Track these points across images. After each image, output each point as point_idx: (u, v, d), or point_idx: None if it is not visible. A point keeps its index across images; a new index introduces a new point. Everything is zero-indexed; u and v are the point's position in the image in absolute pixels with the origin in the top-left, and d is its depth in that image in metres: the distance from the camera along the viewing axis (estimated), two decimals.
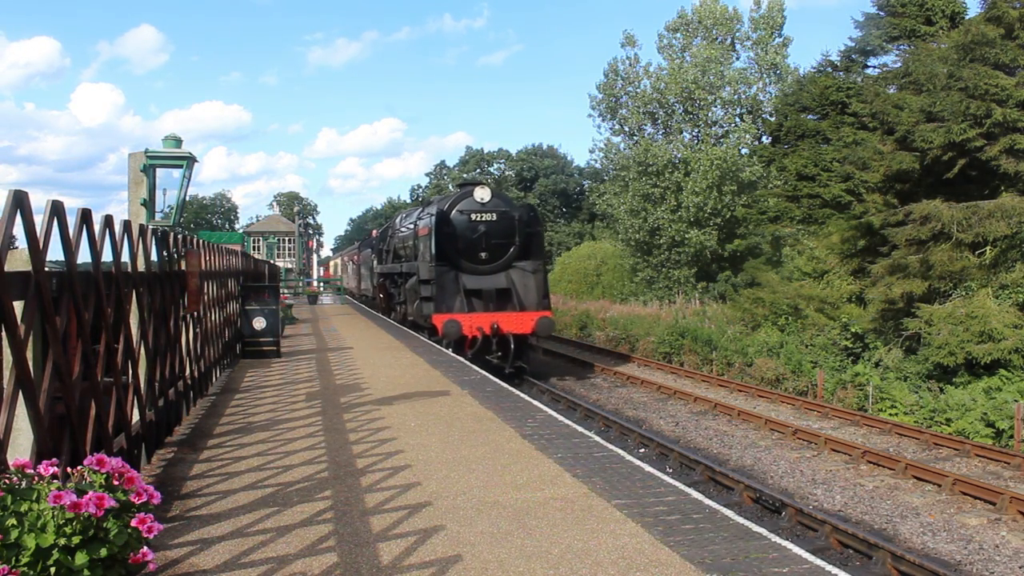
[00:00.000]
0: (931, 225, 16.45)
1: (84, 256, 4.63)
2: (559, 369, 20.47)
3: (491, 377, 10.44)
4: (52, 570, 2.42)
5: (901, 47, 23.51)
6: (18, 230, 3.56)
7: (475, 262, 17.04)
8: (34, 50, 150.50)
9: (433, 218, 16.95)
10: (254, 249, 65.46)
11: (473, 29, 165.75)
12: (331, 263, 71.76)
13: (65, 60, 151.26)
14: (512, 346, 15.96)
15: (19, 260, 3.71)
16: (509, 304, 16.94)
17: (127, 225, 5.54)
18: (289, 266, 64.68)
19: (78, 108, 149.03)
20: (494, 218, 17.30)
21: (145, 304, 6.05)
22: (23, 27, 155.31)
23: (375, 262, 28.60)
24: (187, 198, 10.24)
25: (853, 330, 18.93)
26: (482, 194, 17.54)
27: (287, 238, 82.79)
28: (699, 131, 38.91)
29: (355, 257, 41.91)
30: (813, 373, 17.37)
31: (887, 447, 12.25)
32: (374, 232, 34.13)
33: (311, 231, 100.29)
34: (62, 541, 2.44)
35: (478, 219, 17.18)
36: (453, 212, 17.27)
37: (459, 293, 16.70)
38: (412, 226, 20.27)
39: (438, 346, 15.13)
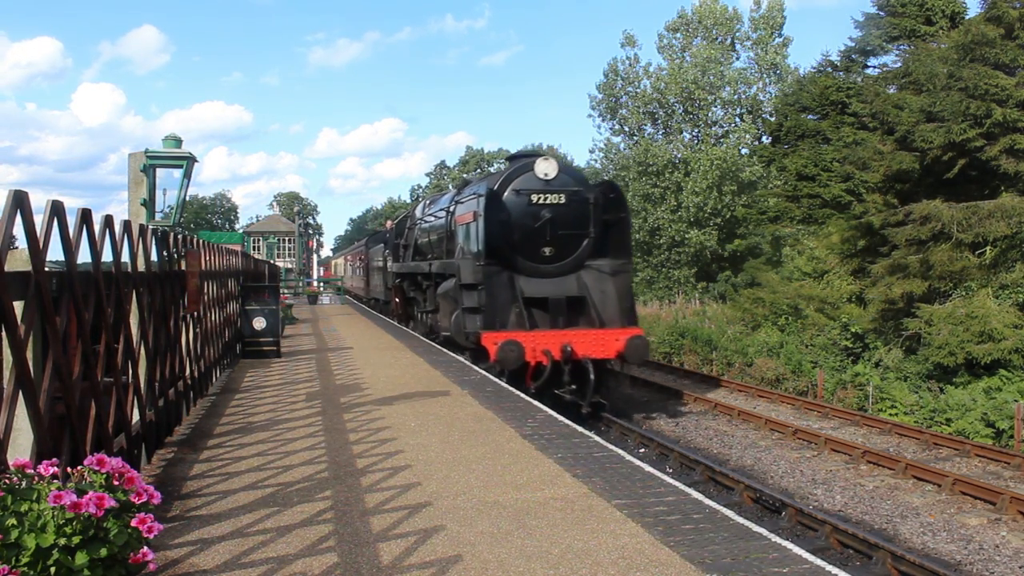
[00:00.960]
0: (931, 225, 16.46)
1: (84, 256, 4.64)
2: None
3: (491, 377, 10.44)
4: (52, 570, 2.42)
5: (901, 47, 23.51)
6: (18, 230, 3.56)
7: (536, 260, 12.88)
8: (36, 50, 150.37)
9: (481, 200, 12.52)
10: (254, 249, 65.48)
11: (474, 30, 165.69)
12: (332, 263, 70.31)
13: (67, 60, 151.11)
14: (591, 376, 11.79)
15: (19, 260, 3.71)
16: (583, 318, 12.85)
17: (127, 225, 5.54)
18: (289, 266, 64.70)
19: (79, 108, 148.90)
20: (562, 200, 12.95)
21: (145, 304, 6.05)
22: (25, 27, 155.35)
23: (389, 260, 24.00)
24: (187, 198, 10.24)
25: (853, 330, 18.94)
26: (546, 168, 13.08)
27: (287, 238, 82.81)
28: (699, 131, 38.94)
29: (361, 256, 36.83)
30: (813, 373, 17.38)
31: (887, 447, 12.25)
32: (388, 223, 28.59)
33: (311, 231, 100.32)
34: (62, 541, 2.44)
35: (540, 201, 12.89)
36: (507, 192, 12.94)
37: (515, 302, 12.50)
38: (444, 214, 15.80)
39: (438, 346, 14.91)
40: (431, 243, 17.23)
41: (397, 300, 21.78)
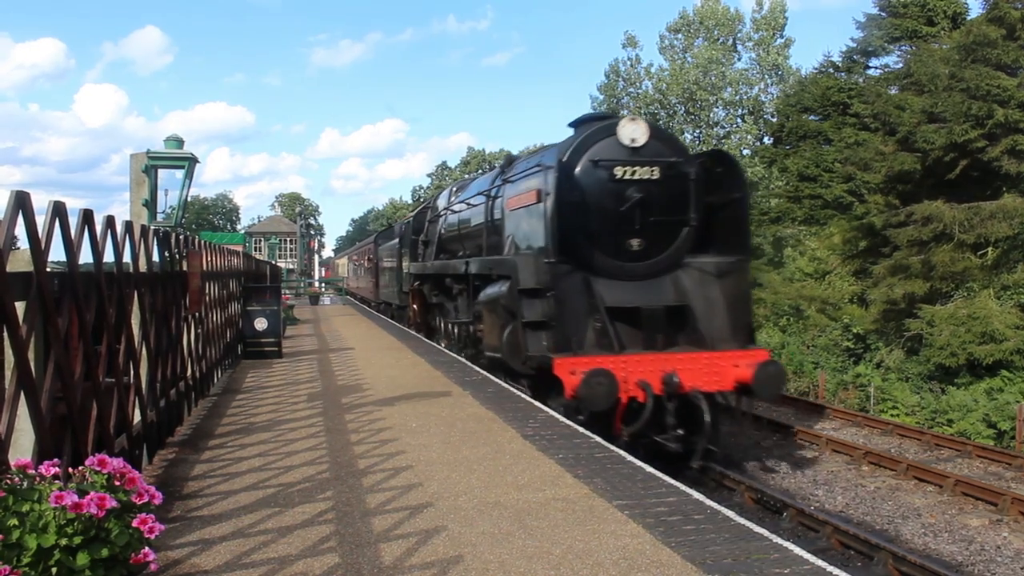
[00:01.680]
0: (933, 226, 16.46)
1: (86, 257, 4.65)
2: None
3: (492, 378, 10.44)
4: (53, 570, 2.43)
5: (903, 48, 23.52)
6: (20, 231, 3.57)
7: (621, 256, 9.49)
8: (39, 51, 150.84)
9: (550, 174, 9.19)
10: (256, 250, 65.50)
11: (477, 31, 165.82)
12: (335, 263, 69.47)
13: (70, 61, 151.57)
14: (707, 417, 8.68)
15: (21, 261, 3.72)
16: (683, 335, 9.46)
17: (129, 226, 5.55)
18: (291, 267, 64.74)
19: (82, 109, 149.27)
20: (655, 175, 9.50)
21: (147, 305, 6.05)
22: (29, 29, 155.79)
23: (404, 260, 20.61)
24: (189, 199, 10.25)
25: (855, 331, 18.93)
26: (633, 132, 9.49)
27: (289, 239, 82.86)
28: (701, 132, 38.91)
29: (370, 255, 32.74)
30: (814, 374, 17.37)
31: (889, 448, 12.24)
32: (408, 216, 24.78)
33: (312, 232, 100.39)
34: (63, 541, 2.45)
35: (627, 176, 9.43)
36: (581, 164, 9.45)
37: (594, 314, 9.15)
38: (483, 200, 12.57)
39: (439, 347, 14.87)
40: (462, 237, 14.10)
41: (415, 306, 18.64)
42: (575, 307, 9.11)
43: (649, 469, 5.67)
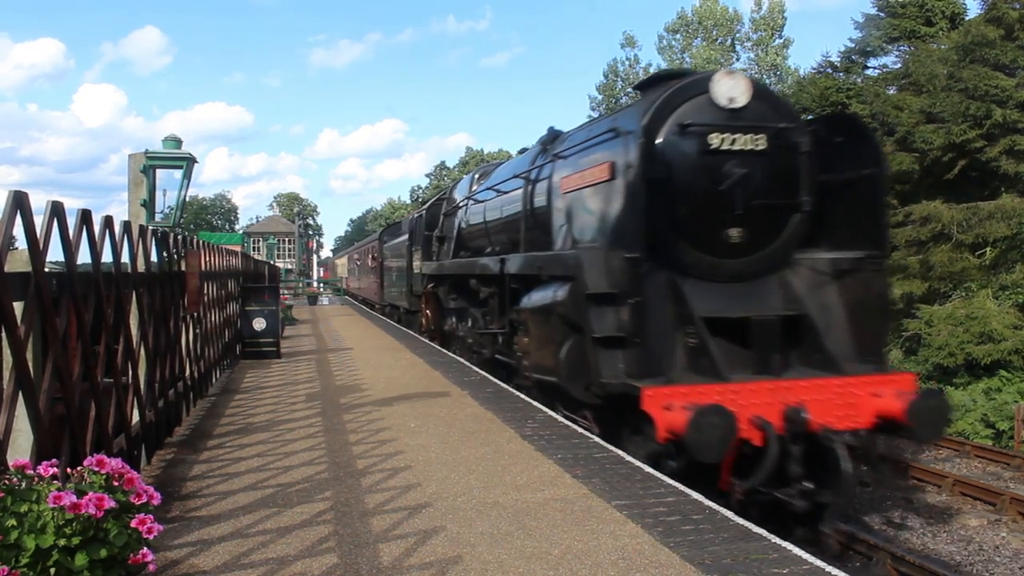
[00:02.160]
0: (931, 226, 16.49)
1: (84, 257, 4.64)
2: None
3: (491, 378, 10.44)
4: (52, 571, 2.42)
5: (901, 48, 23.54)
6: (18, 231, 3.56)
7: (717, 251, 7.37)
8: (38, 52, 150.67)
9: (630, 141, 7.11)
10: (254, 250, 65.47)
11: (476, 31, 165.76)
12: (334, 263, 68.90)
13: (69, 61, 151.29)
14: (845, 465, 6.38)
15: (19, 261, 3.71)
16: (800, 354, 7.30)
17: (127, 226, 5.54)
18: (289, 267, 64.70)
19: (80, 109, 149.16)
20: (761, 146, 7.32)
21: (145, 305, 6.05)
22: (28, 29, 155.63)
23: (415, 258, 18.42)
24: (187, 199, 10.25)
25: None
26: (732, 88, 7.32)
27: (287, 239, 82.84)
28: None
29: (374, 253, 29.80)
30: None
31: (888, 448, 12.25)
32: (419, 210, 21.56)
33: (311, 232, 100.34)
34: (62, 542, 2.44)
35: (724, 146, 7.23)
36: (664, 131, 7.24)
37: (685, 327, 7.03)
38: (520, 184, 10.33)
39: (438, 347, 14.84)
40: (490, 231, 11.86)
41: (428, 311, 16.49)
42: (661, 318, 6.94)
43: (648, 469, 5.66)
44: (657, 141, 7.15)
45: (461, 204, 14.15)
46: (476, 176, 14.46)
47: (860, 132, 7.74)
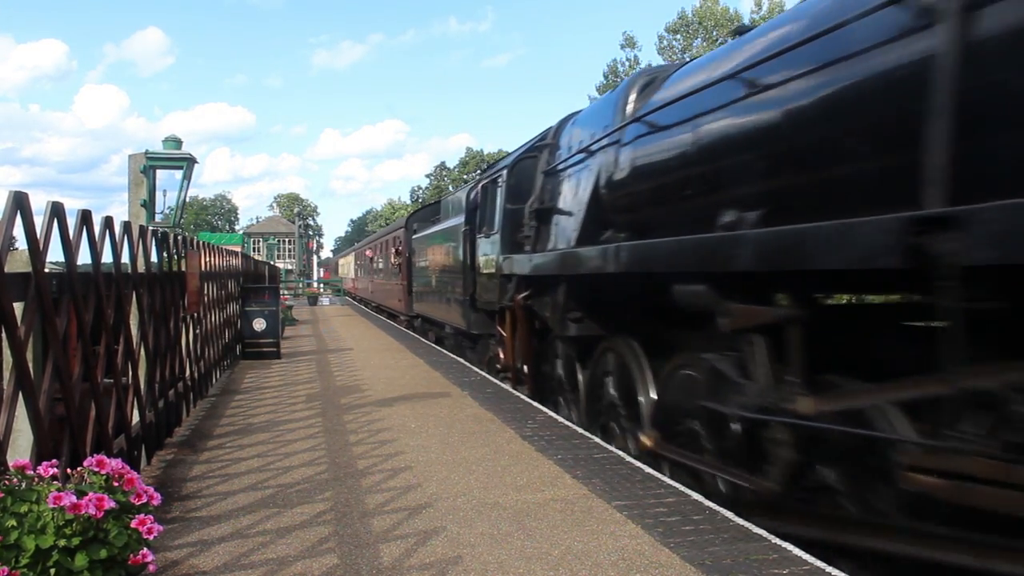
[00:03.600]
0: None
1: (84, 257, 4.64)
2: None
3: (491, 379, 10.44)
4: (52, 571, 2.42)
5: None
6: (18, 231, 3.56)
7: None
8: (41, 53, 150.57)
9: None
10: (254, 250, 65.49)
11: (478, 32, 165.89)
12: (337, 262, 68.10)
13: (72, 62, 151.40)
14: None
15: (19, 261, 3.71)
16: None
17: (127, 226, 5.54)
18: (289, 267, 64.73)
19: (82, 110, 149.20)
20: None
21: (145, 305, 6.05)
22: (31, 30, 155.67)
23: (485, 248, 11.02)
24: (187, 199, 10.26)
25: None
26: None
27: (287, 239, 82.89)
28: None
29: (397, 246, 22.44)
30: None
31: None
32: (497, 171, 11.09)
33: (311, 232, 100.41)
34: (62, 542, 2.44)
35: None
36: None
37: None
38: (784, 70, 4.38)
39: (438, 347, 14.90)
40: (706, 175, 5.34)
41: (510, 338, 9.83)
42: None
43: (648, 470, 5.67)
44: None
45: (597, 146, 7.42)
46: (632, 96, 7.20)
47: None
